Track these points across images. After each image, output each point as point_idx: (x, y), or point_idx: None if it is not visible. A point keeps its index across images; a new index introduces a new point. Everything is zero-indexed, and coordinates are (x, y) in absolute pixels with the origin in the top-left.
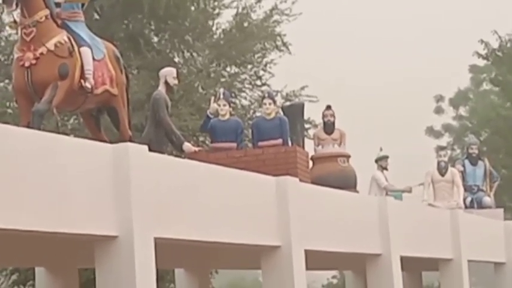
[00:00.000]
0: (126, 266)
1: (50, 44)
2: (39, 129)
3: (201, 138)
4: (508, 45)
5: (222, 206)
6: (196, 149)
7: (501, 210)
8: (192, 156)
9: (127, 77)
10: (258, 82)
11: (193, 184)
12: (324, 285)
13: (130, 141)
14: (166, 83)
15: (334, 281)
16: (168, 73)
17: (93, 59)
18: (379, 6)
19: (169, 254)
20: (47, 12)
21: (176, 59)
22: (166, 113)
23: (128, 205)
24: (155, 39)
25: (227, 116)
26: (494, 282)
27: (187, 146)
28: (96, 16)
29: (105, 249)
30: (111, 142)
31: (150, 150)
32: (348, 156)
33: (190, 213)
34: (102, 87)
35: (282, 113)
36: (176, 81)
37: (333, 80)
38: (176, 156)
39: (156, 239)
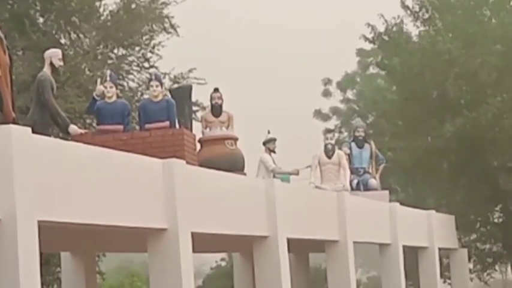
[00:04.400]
0: (9, 249)
1: None
2: None
3: (88, 121)
4: (394, 29)
5: (108, 189)
6: (82, 131)
7: (386, 192)
8: (77, 138)
9: (10, 58)
10: (146, 64)
11: (79, 167)
12: (212, 268)
13: (14, 123)
14: (51, 64)
15: (223, 263)
16: (53, 54)
17: None
18: None
19: (55, 237)
20: None
21: (62, 41)
22: (52, 95)
23: (10, 188)
24: (41, 20)
25: (114, 98)
26: (379, 263)
27: (73, 128)
28: None
29: None
30: None
31: (34, 132)
32: (235, 139)
33: (76, 196)
34: None
35: (169, 96)
36: (61, 63)
37: (221, 62)
38: (62, 138)
39: (40, 222)
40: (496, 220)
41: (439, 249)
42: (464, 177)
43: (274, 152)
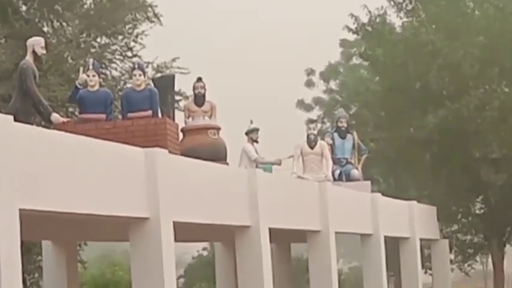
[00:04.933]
0: None
1: None
2: None
3: (70, 109)
4: (378, 20)
5: (90, 178)
6: (65, 119)
7: (368, 182)
8: (60, 127)
9: None
10: (129, 53)
11: (61, 155)
12: (194, 257)
13: None
14: (34, 52)
15: (205, 253)
16: (36, 42)
17: None
18: None
19: (36, 225)
20: None
21: (45, 29)
22: (34, 83)
23: None
24: (23, 8)
25: (96, 87)
26: (361, 253)
27: (55, 116)
28: None
29: None
30: None
31: (16, 120)
32: (218, 129)
33: (58, 185)
34: None
35: (152, 85)
36: (44, 51)
37: (205, 52)
38: (44, 127)
39: (21, 210)
40: (477, 211)
41: (421, 239)
42: (446, 168)
43: (256, 141)
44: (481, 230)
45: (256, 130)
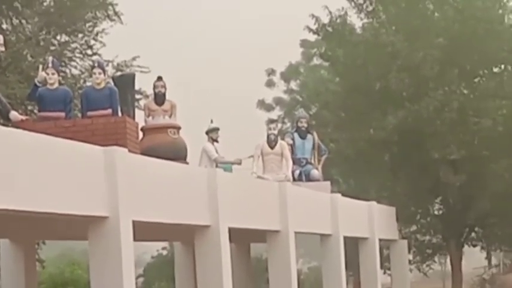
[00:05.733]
0: None
1: None
2: None
3: (29, 107)
4: (338, 20)
5: (49, 176)
6: (23, 117)
7: (328, 183)
8: (18, 125)
9: None
10: (89, 51)
11: (20, 153)
12: (153, 257)
13: None
14: None
15: (164, 252)
16: None
17: None
18: None
19: None
20: None
21: (4, 26)
22: None
23: None
24: None
25: (56, 85)
26: (320, 253)
27: (14, 114)
28: None
29: None
30: None
31: None
32: (178, 128)
33: (16, 183)
34: None
35: (112, 83)
36: (3, 48)
37: (166, 51)
38: (2, 124)
39: None
40: (436, 212)
41: (380, 240)
42: (405, 169)
43: (216, 141)
44: (440, 231)
45: (216, 129)
